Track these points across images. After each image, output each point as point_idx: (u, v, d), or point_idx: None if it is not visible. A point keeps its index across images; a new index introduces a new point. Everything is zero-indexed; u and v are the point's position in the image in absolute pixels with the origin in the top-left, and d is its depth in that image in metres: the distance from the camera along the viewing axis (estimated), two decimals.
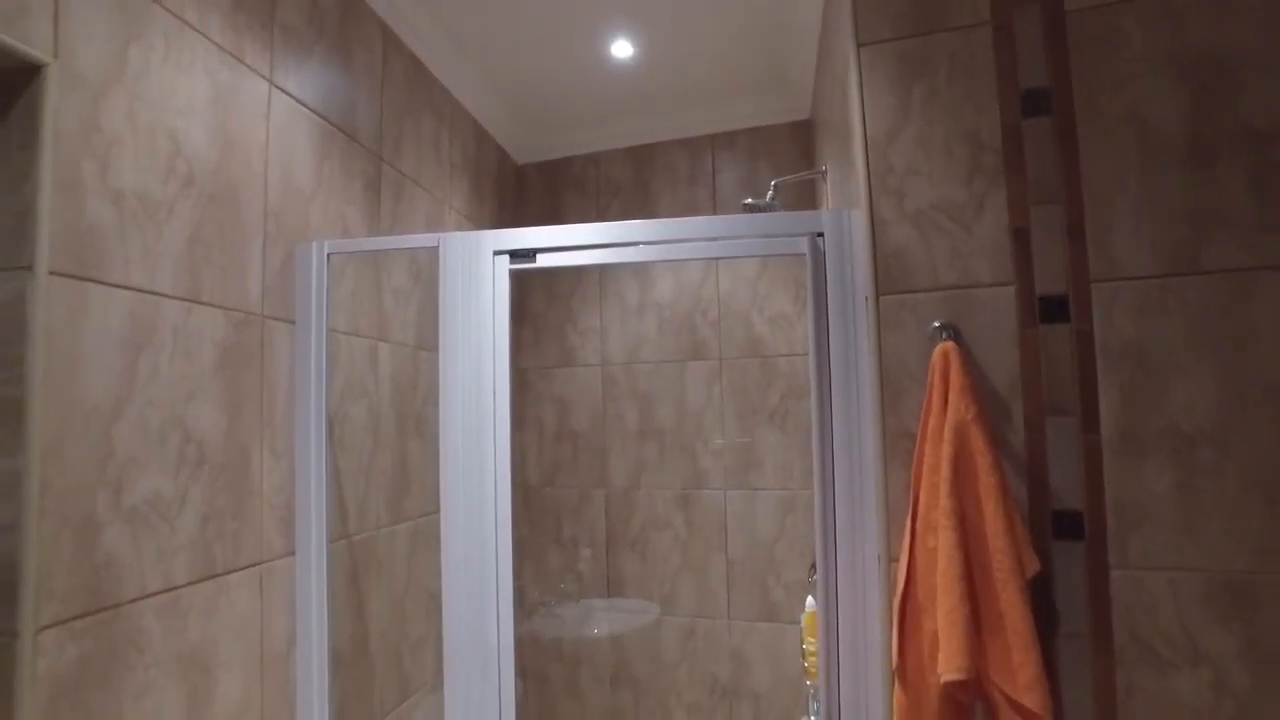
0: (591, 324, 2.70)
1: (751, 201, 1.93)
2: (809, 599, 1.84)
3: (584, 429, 2.67)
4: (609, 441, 2.64)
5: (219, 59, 1.23)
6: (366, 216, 1.69)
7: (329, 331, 1.44)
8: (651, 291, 2.64)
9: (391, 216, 1.80)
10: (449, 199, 2.16)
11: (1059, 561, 1.09)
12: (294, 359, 1.41)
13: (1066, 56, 1.10)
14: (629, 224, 1.36)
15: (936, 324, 1.13)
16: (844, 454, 1.20)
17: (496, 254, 1.34)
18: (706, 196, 2.61)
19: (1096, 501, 1.07)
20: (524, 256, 1.35)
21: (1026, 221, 1.11)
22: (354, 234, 1.63)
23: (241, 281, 1.28)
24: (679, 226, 1.37)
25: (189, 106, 1.16)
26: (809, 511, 2.37)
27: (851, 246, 1.23)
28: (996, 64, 1.14)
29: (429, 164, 2.03)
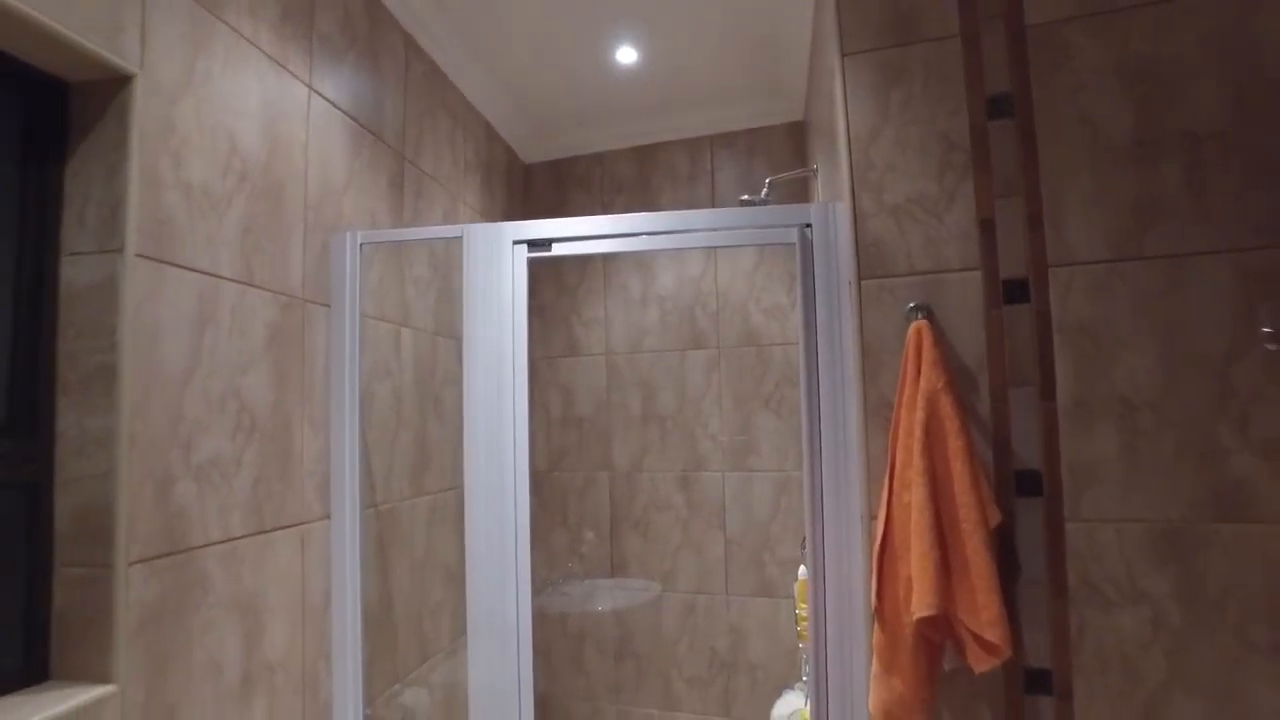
0: (596, 315, 2.84)
1: (747, 197, 2.07)
2: (801, 568, 1.98)
3: (589, 415, 2.81)
4: (613, 427, 2.78)
5: (268, 66, 1.37)
6: (391, 210, 1.83)
7: (361, 316, 1.57)
8: (653, 284, 2.78)
9: (413, 210, 1.94)
10: (463, 195, 2.29)
11: (1021, 516, 1.22)
12: (329, 340, 1.54)
13: (1026, 66, 1.24)
14: (636, 216, 1.50)
15: (912, 305, 1.26)
16: (829, 420, 1.34)
17: (515, 243, 1.48)
18: (706, 194, 2.75)
19: (1053, 462, 1.20)
20: (540, 245, 1.48)
21: (992, 213, 1.25)
22: (380, 226, 1.77)
23: (285, 267, 1.41)
24: (681, 218, 1.50)
25: (243, 109, 1.30)
26: (804, 501, 2.51)
27: (836, 236, 1.37)
28: (965, 72, 1.28)
29: (445, 162, 2.16)
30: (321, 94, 1.54)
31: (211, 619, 1.19)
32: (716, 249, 2.67)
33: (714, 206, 2.71)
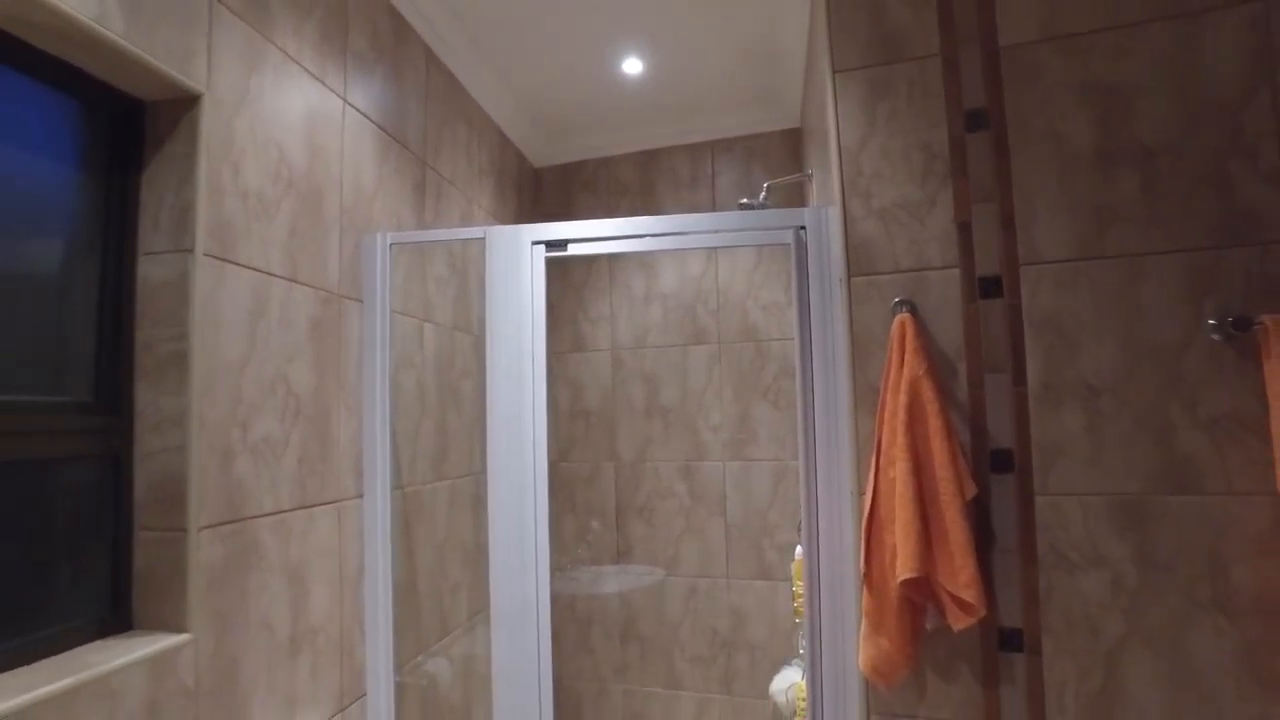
0: (602, 313, 2.97)
1: (746, 201, 2.20)
2: (797, 549, 2.10)
3: (595, 408, 2.95)
4: (618, 419, 2.91)
5: (309, 82, 1.50)
6: (414, 212, 1.96)
7: (390, 311, 1.70)
8: (657, 283, 2.91)
9: (434, 213, 2.07)
10: (478, 198, 2.42)
11: (995, 490, 1.35)
12: (361, 332, 1.67)
13: (1000, 84, 1.37)
14: (646, 219, 1.63)
15: (897, 299, 1.39)
16: (823, 405, 1.47)
17: (534, 244, 1.61)
18: (706, 197, 2.88)
19: (1024, 441, 1.33)
20: (557, 246, 1.61)
21: (969, 216, 1.38)
22: (405, 227, 1.90)
23: (324, 266, 1.54)
24: (687, 221, 1.63)
25: (289, 122, 1.43)
26: (799, 480, 2.64)
27: (828, 237, 1.50)
28: (945, 89, 1.41)
29: (462, 167, 2.29)
30: (354, 105, 1.67)
31: (265, 583, 1.32)
32: (717, 249, 2.80)
33: (714, 209, 2.85)
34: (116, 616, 1.14)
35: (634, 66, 2.41)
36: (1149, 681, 1.24)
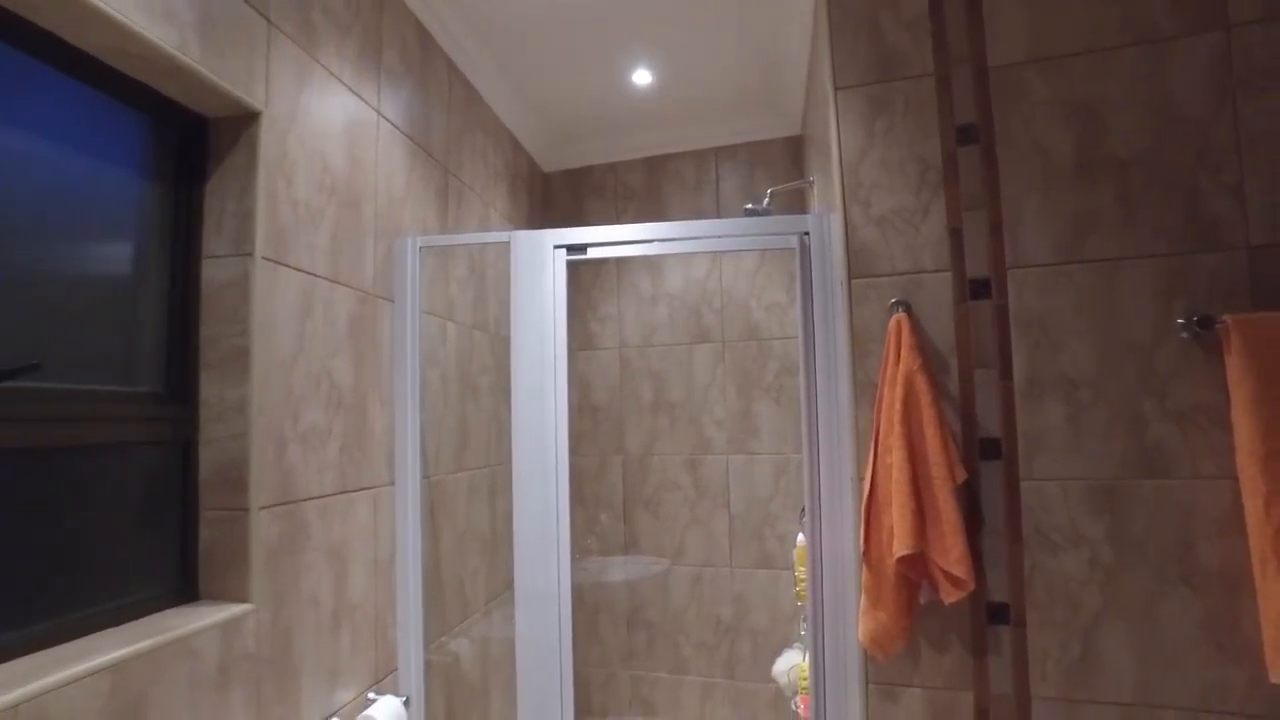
0: (610, 312, 3.09)
1: (751, 206, 2.32)
2: (799, 536, 2.22)
3: (603, 404, 3.06)
4: (625, 415, 3.03)
5: (348, 97, 1.61)
6: (438, 216, 2.07)
7: (421, 312, 1.82)
8: (663, 284, 3.03)
9: (455, 217, 2.18)
10: (494, 202, 2.54)
11: (984, 476, 1.46)
12: (393, 330, 1.79)
13: (989, 101, 1.49)
14: (661, 224, 1.74)
15: (893, 300, 1.50)
16: (824, 398, 1.58)
17: (556, 247, 1.72)
18: (711, 202, 3.00)
19: (1010, 431, 1.45)
20: (578, 249, 1.72)
21: (960, 223, 1.50)
22: (430, 231, 2.01)
23: (361, 267, 1.65)
24: (698, 226, 1.75)
25: (332, 134, 1.54)
26: (799, 473, 2.76)
27: (830, 242, 1.62)
28: (938, 105, 1.52)
29: (480, 173, 2.41)
30: (386, 117, 1.78)
31: (313, 561, 1.44)
32: (721, 252, 2.92)
33: (718, 213, 2.96)
34: (185, 588, 1.25)
35: (644, 77, 2.53)
36: (1123, 650, 1.35)
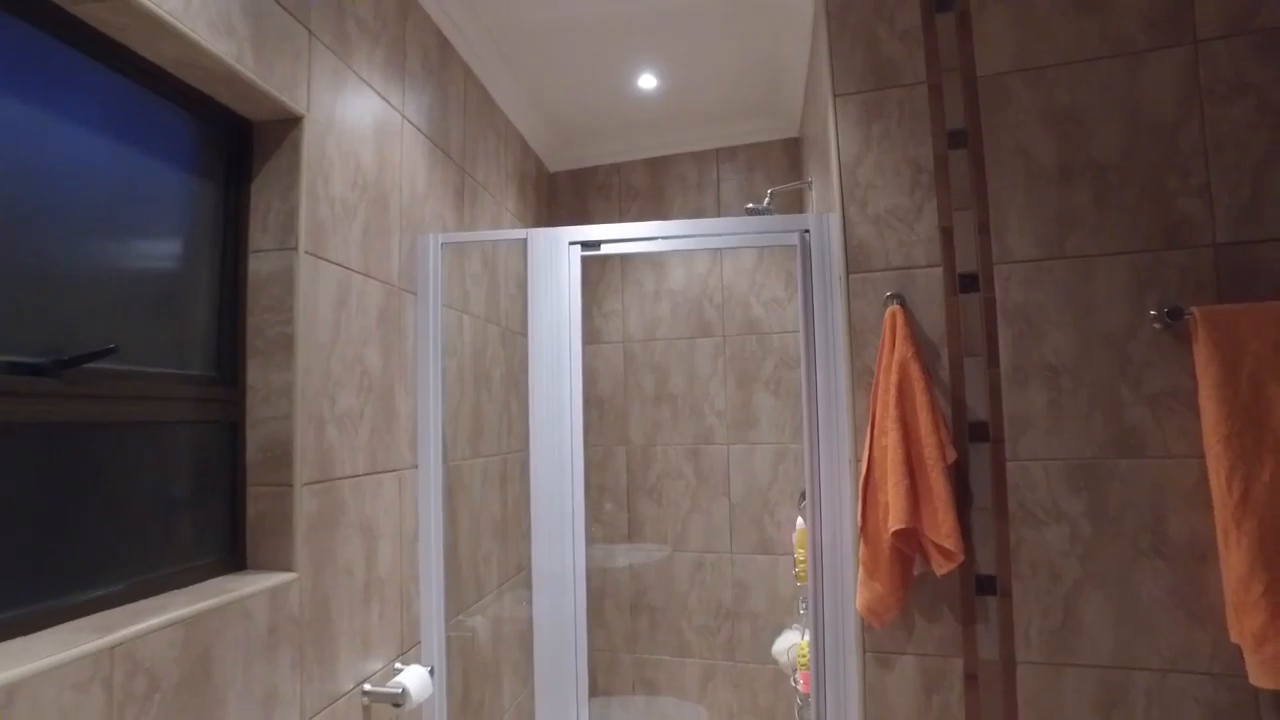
0: (615, 307, 3.19)
1: (753, 206, 2.42)
2: (799, 520, 2.33)
3: (608, 396, 3.17)
4: (629, 406, 3.14)
5: (377, 101, 1.71)
6: (456, 214, 2.17)
7: (441, 305, 1.92)
8: (666, 280, 3.14)
9: (470, 215, 2.29)
10: (505, 202, 2.64)
11: (973, 457, 1.57)
12: (417, 322, 1.89)
13: (977, 109, 1.60)
14: (671, 223, 1.85)
15: (889, 293, 1.61)
16: (824, 385, 1.69)
17: (571, 244, 1.82)
18: (712, 201, 3.10)
19: (997, 415, 1.56)
20: (592, 246, 1.83)
21: (950, 222, 1.60)
22: (448, 229, 2.11)
23: (388, 262, 1.76)
24: (706, 225, 1.85)
25: (363, 137, 1.64)
26: (797, 461, 2.88)
27: (829, 240, 1.72)
28: (930, 112, 1.63)
29: (492, 173, 2.51)
30: (410, 120, 1.88)
31: (347, 535, 1.54)
32: (722, 250, 3.03)
33: (719, 213, 3.07)
34: (234, 557, 1.35)
35: (649, 82, 2.64)
36: (1100, 617, 1.46)
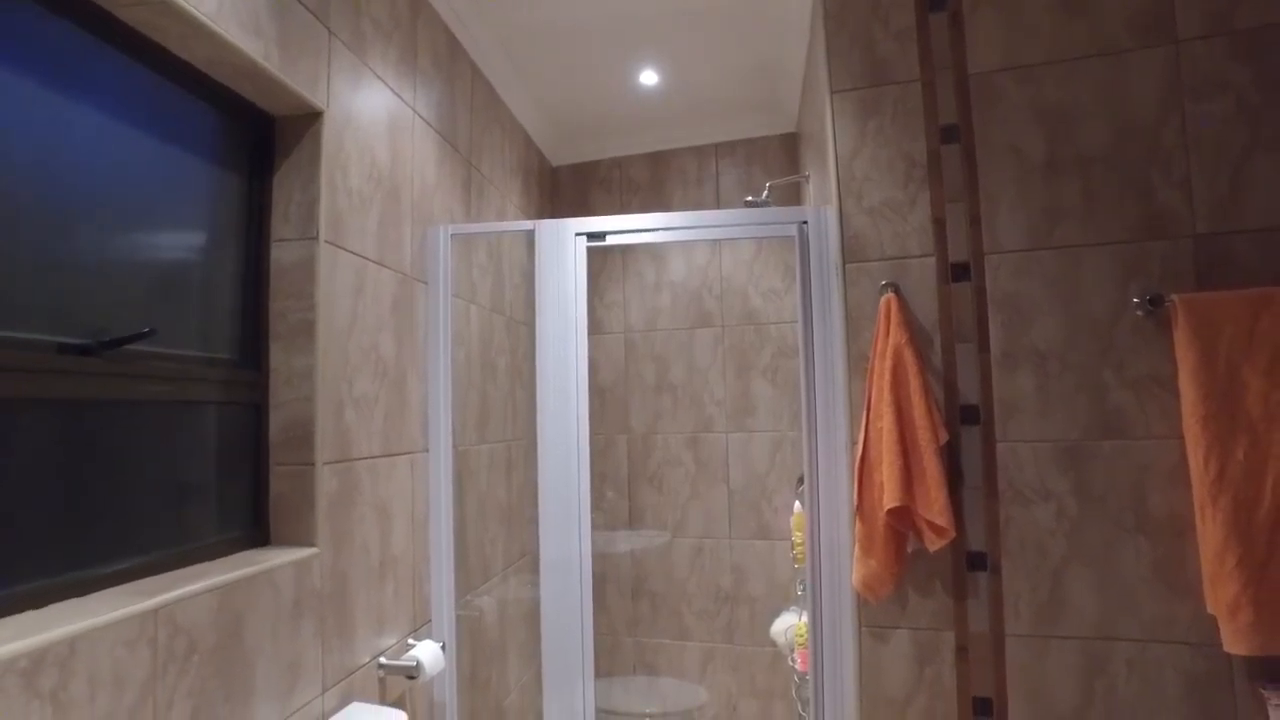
0: (616, 298, 3.25)
1: (752, 199, 2.48)
2: (796, 504, 2.39)
3: (609, 385, 3.23)
4: (630, 395, 3.20)
5: (390, 97, 1.77)
6: (463, 206, 2.23)
7: (451, 295, 1.98)
8: (666, 272, 3.20)
9: (477, 208, 2.34)
10: (509, 195, 2.70)
11: (964, 438, 1.64)
12: (427, 311, 1.95)
13: (969, 105, 1.66)
14: (674, 214, 1.91)
15: (883, 282, 1.68)
16: (821, 370, 1.76)
17: (577, 235, 1.89)
18: (711, 195, 3.17)
19: (987, 398, 1.62)
20: (597, 237, 1.89)
21: (943, 214, 1.67)
22: (456, 220, 2.17)
23: (401, 252, 1.81)
24: (708, 216, 1.92)
25: (377, 131, 1.70)
26: (795, 449, 2.94)
27: (826, 231, 1.79)
28: (924, 108, 1.69)
29: (497, 167, 2.57)
30: (420, 115, 1.94)
31: (363, 514, 1.60)
32: (721, 242, 3.10)
33: (718, 206, 3.13)
34: (258, 533, 1.41)
35: (650, 78, 2.69)
36: (1085, 592, 1.53)
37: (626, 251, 3.23)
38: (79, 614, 0.92)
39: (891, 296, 1.63)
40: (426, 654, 1.70)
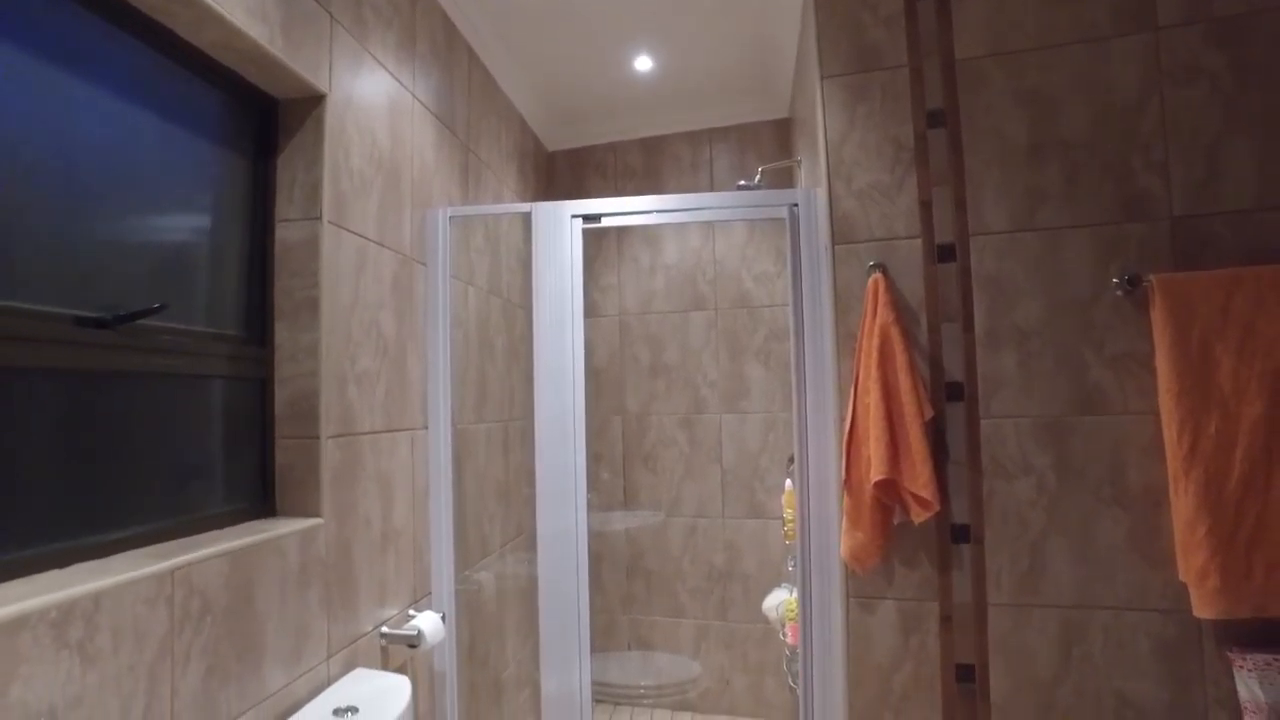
0: (610, 282, 3.30)
1: (744, 183, 2.52)
2: (787, 481, 2.45)
3: (604, 367, 3.28)
4: (625, 377, 3.25)
5: (391, 82, 1.80)
6: (461, 190, 2.27)
7: (449, 276, 2.02)
8: (660, 256, 3.24)
9: (474, 191, 2.38)
10: (505, 179, 2.73)
11: (949, 415, 1.69)
12: (426, 291, 1.99)
13: (955, 90, 1.70)
14: (668, 196, 1.96)
15: (871, 263, 1.72)
16: (811, 348, 1.81)
17: (573, 217, 1.93)
18: (705, 179, 3.20)
19: (971, 376, 1.67)
20: (593, 219, 1.93)
21: (929, 196, 1.71)
22: (454, 203, 2.21)
23: (401, 233, 1.85)
24: (701, 199, 1.96)
25: (378, 114, 1.73)
26: (786, 429, 3.00)
27: (816, 213, 1.83)
28: (911, 93, 1.73)
29: (494, 152, 2.60)
30: (420, 99, 1.97)
31: (366, 488, 1.65)
32: (714, 226, 3.14)
33: (712, 189, 3.17)
34: (264, 504, 1.46)
35: (644, 64, 2.73)
36: (1064, 563, 1.59)
37: (621, 235, 3.27)
38: (101, 573, 0.96)
39: (879, 277, 1.68)
40: (427, 624, 1.75)
